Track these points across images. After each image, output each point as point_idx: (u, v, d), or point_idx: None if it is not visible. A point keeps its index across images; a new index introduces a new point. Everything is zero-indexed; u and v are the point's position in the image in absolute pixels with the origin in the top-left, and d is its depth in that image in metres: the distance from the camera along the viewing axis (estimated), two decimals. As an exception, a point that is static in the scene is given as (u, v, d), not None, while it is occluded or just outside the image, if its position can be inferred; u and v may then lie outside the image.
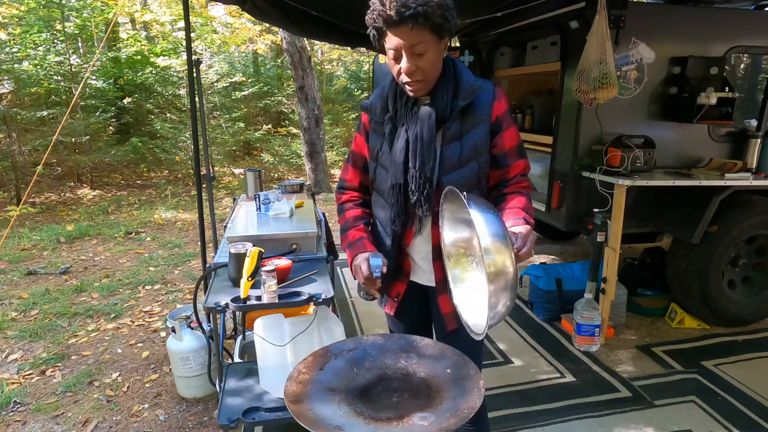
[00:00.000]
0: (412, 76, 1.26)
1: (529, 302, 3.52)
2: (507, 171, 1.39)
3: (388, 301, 1.57)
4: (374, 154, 1.43)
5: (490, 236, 1.02)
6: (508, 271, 1.02)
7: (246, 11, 3.23)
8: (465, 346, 1.30)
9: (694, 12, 3.13)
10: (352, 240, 1.44)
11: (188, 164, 8.22)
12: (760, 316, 3.25)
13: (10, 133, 6.93)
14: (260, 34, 9.79)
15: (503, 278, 1.02)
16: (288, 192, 3.05)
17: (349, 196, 1.54)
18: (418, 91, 1.30)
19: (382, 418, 1.07)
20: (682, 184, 2.84)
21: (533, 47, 3.88)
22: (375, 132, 1.43)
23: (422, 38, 1.20)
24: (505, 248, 1.02)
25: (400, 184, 1.36)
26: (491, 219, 1.05)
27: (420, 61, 1.23)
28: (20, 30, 7.66)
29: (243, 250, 1.80)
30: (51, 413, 2.41)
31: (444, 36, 1.24)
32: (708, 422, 2.27)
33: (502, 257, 1.01)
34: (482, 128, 1.34)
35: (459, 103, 1.32)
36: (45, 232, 5.38)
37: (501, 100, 1.36)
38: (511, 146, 1.38)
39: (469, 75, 1.36)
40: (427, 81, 1.29)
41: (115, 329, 3.26)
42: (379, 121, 1.40)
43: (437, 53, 1.25)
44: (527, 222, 1.26)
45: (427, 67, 1.25)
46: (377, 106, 1.41)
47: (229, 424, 1.69)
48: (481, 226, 1.03)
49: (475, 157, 1.35)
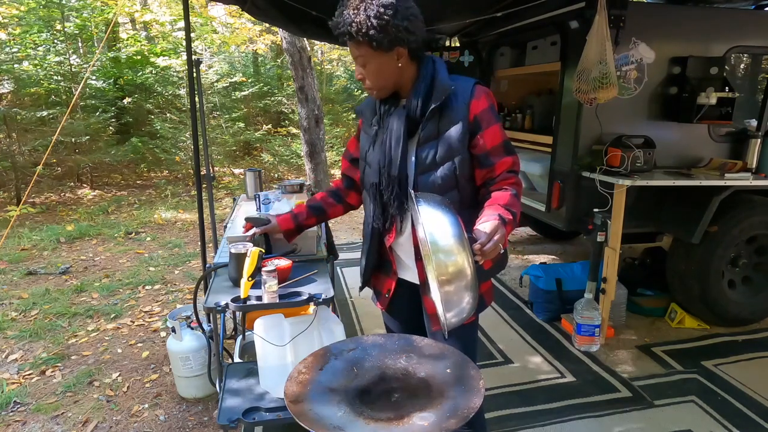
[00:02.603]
0: (363, 82, 1.36)
1: (529, 302, 3.52)
2: (492, 169, 1.38)
3: (380, 297, 1.61)
4: (363, 154, 1.50)
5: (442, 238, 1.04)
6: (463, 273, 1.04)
7: (246, 11, 3.23)
8: (456, 345, 1.30)
9: (694, 12, 3.14)
10: (295, 211, 1.71)
11: (188, 164, 8.21)
12: (760, 316, 3.25)
13: (10, 133, 6.93)
14: (260, 34, 9.78)
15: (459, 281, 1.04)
16: (288, 192, 3.05)
17: (335, 184, 1.72)
18: (375, 96, 1.40)
19: (382, 418, 1.07)
20: (682, 184, 2.84)
21: (533, 47, 3.88)
22: (365, 133, 1.51)
23: (360, 52, 1.30)
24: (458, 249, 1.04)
25: (375, 183, 1.42)
26: (444, 218, 1.06)
27: (365, 71, 1.33)
28: (20, 30, 7.65)
29: (243, 250, 1.80)
30: (51, 413, 2.41)
31: (386, 48, 1.27)
32: (708, 422, 2.28)
33: (453, 259, 1.04)
34: (458, 128, 1.34)
35: (431, 104, 1.33)
36: (45, 232, 5.38)
37: (480, 99, 1.35)
38: (494, 145, 1.36)
39: (444, 75, 1.36)
40: (379, 88, 1.36)
41: (115, 329, 3.26)
42: (369, 123, 1.47)
43: (381, 64, 1.31)
44: (502, 217, 1.22)
45: (371, 76, 1.33)
46: (368, 109, 1.48)
47: (229, 424, 1.69)
48: (429, 228, 1.05)
49: (451, 157, 1.35)
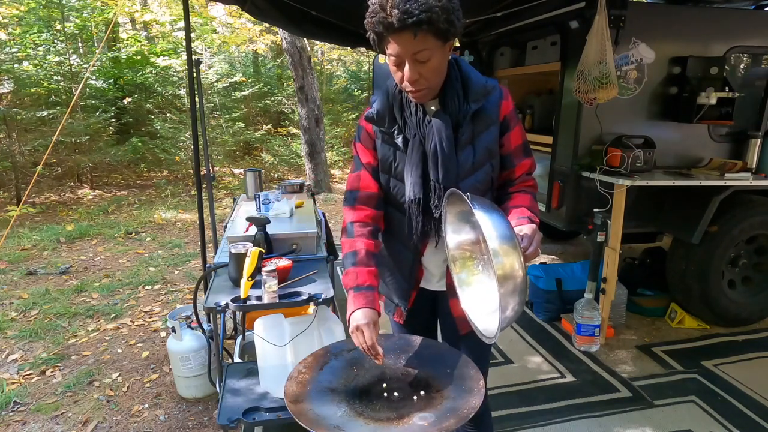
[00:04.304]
0: (415, 84, 1.18)
1: (529, 302, 3.51)
2: (513, 171, 1.35)
3: (396, 310, 1.53)
4: (386, 166, 1.35)
5: (498, 239, 0.99)
6: (517, 274, 0.99)
7: (246, 11, 3.23)
8: (475, 350, 1.29)
9: (694, 12, 3.13)
10: (361, 283, 1.30)
11: (188, 164, 8.21)
12: (760, 316, 3.25)
13: (10, 133, 6.92)
14: (260, 34, 9.78)
15: (512, 281, 0.99)
16: (288, 192, 3.05)
17: (360, 216, 1.37)
18: (421, 98, 1.24)
19: (382, 418, 1.07)
20: (682, 184, 2.84)
21: (533, 47, 3.88)
22: (385, 143, 1.34)
23: (426, 45, 1.13)
24: (513, 250, 0.99)
25: (419, 198, 1.29)
26: (497, 220, 1.02)
27: (423, 68, 1.16)
28: (20, 30, 7.65)
29: (243, 250, 1.80)
30: (51, 413, 2.41)
31: (449, 40, 1.17)
32: (708, 422, 2.27)
33: (510, 260, 0.99)
34: (493, 130, 1.30)
35: (471, 106, 1.26)
36: (45, 232, 5.38)
37: (508, 99, 1.32)
38: (517, 145, 1.34)
39: (477, 75, 1.30)
40: (431, 88, 1.22)
41: (115, 329, 3.26)
42: (388, 132, 1.32)
43: (442, 58, 1.18)
44: (532, 221, 1.20)
45: (431, 75, 1.18)
46: (384, 117, 1.31)
47: (229, 424, 1.69)
48: (488, 229, 1.00)
49: (488, 160, 1.31)
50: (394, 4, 1.08)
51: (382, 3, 1.11)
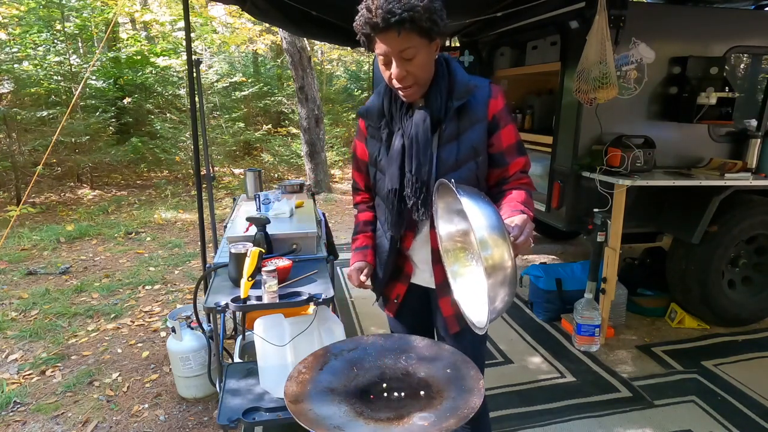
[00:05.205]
0: (403, 81, 1.25)
1: (529, 302, 3.52)
2: (506, 169, 1.37)
3: (389, 303, 1.57)
4: (373, 159, 1.44)
5: (486, 229, 0.98)
6: (506, 265, 0.98)
7: (246, 11, 3.23)
8: (468, 348, 1.30)
9: (694, 12, 3.13)
10: (360, 245, 1.54)
11: (188, 164, 8.21)
12: (760, 316, 3.25)
13: (10, 133, 6.92)
14: (260, 34, 9.78)
15: (501, 272, 0.98)
16: (288, 192, 3.05)
17: (362, 198, 1.61)
18: (410, 96, 1.30)
19: (382, 418, 1.07)
20: (682, 184, 2.84)
21: (533, 47, 3.88)
22: (373, 137, 1.44)
23: (410, 43, 1.19)
24: (502, 240, 0.98)
25: (396, 189, 1.35)
26: (486, 210, 1.00)
27: (410, 66, 1.23)
28: (20, 30, 7.65)
29: (243, 250, 1.80)
30: (51, 413, 2.41)
31: (434, 38, 1.23)
32: (708, 422, 2.28)
33: (499, 250, 0.97)
34: (479, 127, 1.32)
35: (454, 103, 1.30)
36: (45, 232, 5.38)
37: (497, 98, 1.34)
38: (509, 144, 1.36)
39: (463, 74, 1.34)
40: (420, 85, 1.28)
41: (115, 329, 3.26)
42: (376, 126, 1.40)
43: (427, 56, 1.24)
44: (524, 213, 1.20)
45: (417, 72, 1.24)
46: (373, 112, 1.40)
47: (229, 424, 1.69)
48: (476, 219, 0.98)
49: (473, 158, 1.33)
50: (379, 5, 1.16)
51: (368, 5, 1.19)
